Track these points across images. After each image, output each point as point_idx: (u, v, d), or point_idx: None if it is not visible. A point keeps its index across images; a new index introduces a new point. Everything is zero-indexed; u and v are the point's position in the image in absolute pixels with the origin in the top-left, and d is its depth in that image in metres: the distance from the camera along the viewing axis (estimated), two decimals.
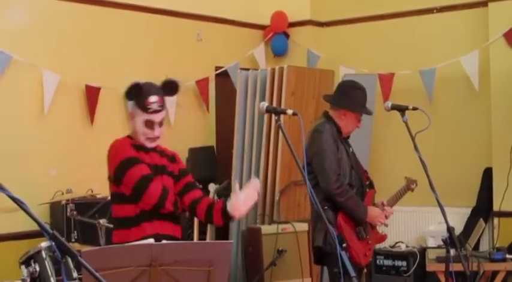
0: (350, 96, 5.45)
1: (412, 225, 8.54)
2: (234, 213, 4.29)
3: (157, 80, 8.22)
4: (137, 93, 4.42)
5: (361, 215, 5.34)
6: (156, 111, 4.42)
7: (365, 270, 5.63)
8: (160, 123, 4.47)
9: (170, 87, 4.62)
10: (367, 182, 5.66)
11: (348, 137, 5.56)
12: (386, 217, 5.54)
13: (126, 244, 3.63)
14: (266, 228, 6.93)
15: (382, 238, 5.77)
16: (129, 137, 4.54)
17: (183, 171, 4.59)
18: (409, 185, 5.75)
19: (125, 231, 4.34)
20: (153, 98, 4.42)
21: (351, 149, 5.52)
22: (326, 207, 5.18)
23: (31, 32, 7.12)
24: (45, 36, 7.23)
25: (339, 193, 5.21)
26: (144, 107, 4.40)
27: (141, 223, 4.30)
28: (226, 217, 4.35)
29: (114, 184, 4.44)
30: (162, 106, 4.48)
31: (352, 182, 5.40)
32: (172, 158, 4.63)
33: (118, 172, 4.37)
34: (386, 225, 5.60)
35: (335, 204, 5.26)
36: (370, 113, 5.55)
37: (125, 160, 4.36)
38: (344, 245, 5.16)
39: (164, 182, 4.39)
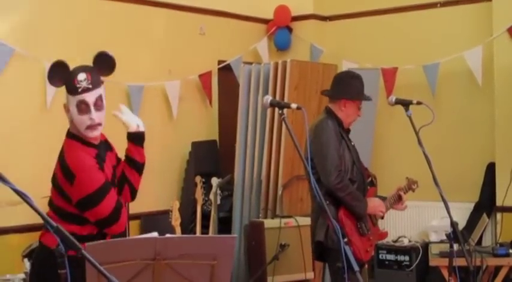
0: (347, 86, 5.48)
1: (414, 220, 8.53)
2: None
3: (161, 74, 8.29)
4: (64, 74, 3.97)
5: (362, 209, 5.34)
6: (87, 90, 3.97)
7: (366, 266, 5.63)
8: (97, 105, 4.02)
9: (103, 61, 4.15)
10: (368, 180, 5.66)
11: (349, 132, 5.56)
12: (401, 200, 5.58)
13: (130, 237, 3.63)
14: (269, 223, 6.93)
15: (384, 235, 5.78)
16: (77, 138, 4.04)
17: (118, 159, 4.34)
18: (410, 185, 5.73)
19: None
20: (81, 76, 3.98)
21: (352, 143, 5.52)
22: (328, 202, 5.17)
23: (34, 25, 7.11)
24: (48, 29, 7.22)
25: (339, 188, 5.21)
26: (73, 88, 3.95)
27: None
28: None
29: (72, 207, 3.96)
30: (94, 83, 4.01)
31: (354, 177, 5.40)
32: (111, 147, 4.33)
33: (84, 205, 3.91)
34: (382, 218, 5.61)
35: (336, 199, 5.26)
36: (369, 99, 5.55)
37: (96, 191, 3.89)
38: (345, 240, 5.15)
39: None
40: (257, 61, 8.85)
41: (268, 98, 4.28)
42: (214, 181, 7.23)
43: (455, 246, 4.89)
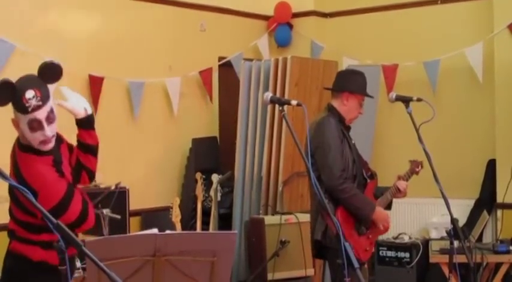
0: (350, 80, 5.46)
1: (415, 216, 8.54)
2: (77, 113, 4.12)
3: (162, 70, 8.29)
4: (10, 94, 3.80)
5: (367, 212, 5.28)
6: (38, 108, 3.81)
7: (365, 265, 5.59)
8: (49, 119, 3.87)
9: (49, 71, 3.94)
10: (368, 174, 5.64)
11: (349, 129, 5.55)
12: (400, 191, 5.51)
13: (130, 234, 3.63)
14: (269, 219, 6.92)
15: (383, 230, 5.74)
16: (30, 150, 3.95)
17: (70, 148, 4.25)
18: (414, 168, 5.65)
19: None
20: (29, 93, 3.81)
21: (352, 141, 5.50)
22: (327, 200, 5.15)
23: (34, 21, 7.11)
24: (49, 25, 7.22)
25: (342, 189, 5.16)
26: (22, 108, 3.82)
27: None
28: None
29: (31, 216, 3.90)
30: (44, 99, 3.84)
31: (354, 175, 5.38)
32: (61, 139, 4.22)
33: (53, 215, 3.51)
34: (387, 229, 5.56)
35: (336, 199, 5.22)
36: (371, 96, 5.52)
37: (61, 201, 3.85)
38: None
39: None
40: (258, 58, 8.84)
41: (269, 94, 4.28)
42: (215, 177, 7.22)
43: (456, 243, 4.88)
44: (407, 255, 7.85)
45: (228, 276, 3.66)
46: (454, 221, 4.81)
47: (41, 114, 3.83)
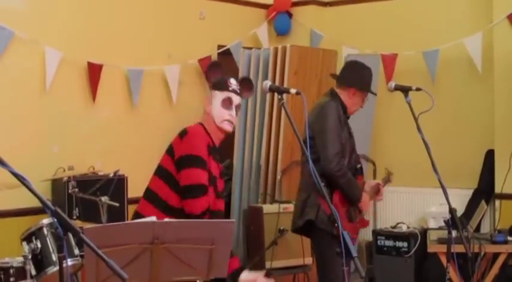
0: (359, 76, 5.48)
1: (413, 206, 8.54)
2: None
3: (161, 58, 8.25)
4: (219, 72, 4.53)
5: (357, 197, 5.38)
6: (235, 92, 4.47)
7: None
8: (236, 109, 4.48)
9: (246, 84, 4.65)
10: (359, 166, 5.67)
11: (348, 118, 5.57)
12: (380, 194, 5.59)
13: (129, 222, 3.63)
14: (268, 208, 6.93)
15: (366, 223, 5.77)
16: (206, 130, 4.51)
17: (220, 194, 4.57)
18: (389, 177, 5.77)
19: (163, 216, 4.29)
20: (233, 80, 4.52)
21: (351, 130, 5.52)
22: (323, 184, 5.17)
23: (33, 8, 7.09)
24: (48, 13, 7.20)
25: (340, 175, 5.21)
26: (224, 85, 4.47)
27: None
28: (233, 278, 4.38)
29: (173, 165, 4.43)
30: (240, 93, 4.51)
31: (352, 165, 5.40)
32: (221, 173, 4.64)
33: (182, 162, 4.37)
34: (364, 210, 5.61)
35: (331, 183, 5.25)
36: (375, 93, 5.56)
37: (194, 157, 4.34)
38: (336, 225, 5.18)
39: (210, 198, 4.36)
40: (257, 46, 8.83)
41: (268, 83, 4.28)
42: None
43: (454, 233, 4.89)
44: (405, 244, 7.85)
45: (226, 264, 3.67)
46: (452, 210, 4.81)
47: (235, 98, 4.48)
